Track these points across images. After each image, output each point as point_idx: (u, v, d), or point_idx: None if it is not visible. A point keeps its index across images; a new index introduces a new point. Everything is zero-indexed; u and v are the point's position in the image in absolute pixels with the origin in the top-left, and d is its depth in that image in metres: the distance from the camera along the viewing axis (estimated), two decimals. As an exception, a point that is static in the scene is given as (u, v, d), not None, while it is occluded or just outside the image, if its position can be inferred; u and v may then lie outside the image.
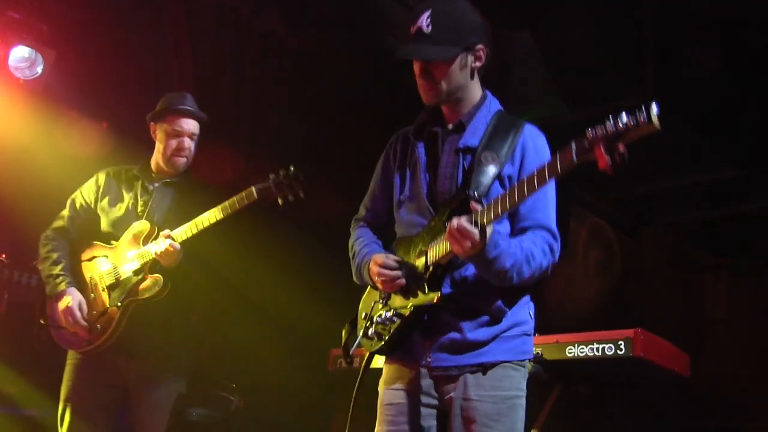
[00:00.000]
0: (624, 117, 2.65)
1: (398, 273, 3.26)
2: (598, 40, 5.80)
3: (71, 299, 4.53)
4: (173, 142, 4.71)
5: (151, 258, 4.46)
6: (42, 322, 4.66)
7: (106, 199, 4.74)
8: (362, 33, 6.30)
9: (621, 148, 2.65)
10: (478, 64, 3.35)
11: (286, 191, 4.34)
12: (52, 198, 5.00)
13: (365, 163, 3.92)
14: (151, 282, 4.48)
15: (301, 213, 6.82)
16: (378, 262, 3.31)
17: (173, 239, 4.40)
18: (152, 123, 4.79)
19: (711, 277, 6.73)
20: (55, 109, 6.16)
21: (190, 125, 4.73)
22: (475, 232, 2.96)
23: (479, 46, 3.33)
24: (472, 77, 3.36)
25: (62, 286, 4.57)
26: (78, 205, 4.78)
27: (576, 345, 4.50)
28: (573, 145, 2.77)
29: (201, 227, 4.41)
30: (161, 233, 4.46)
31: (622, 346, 4.35)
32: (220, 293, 5.80)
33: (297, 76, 6.82)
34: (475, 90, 3.41)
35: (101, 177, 4.82)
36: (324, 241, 6.49)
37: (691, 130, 6.01)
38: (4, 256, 5.83)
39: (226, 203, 4.40)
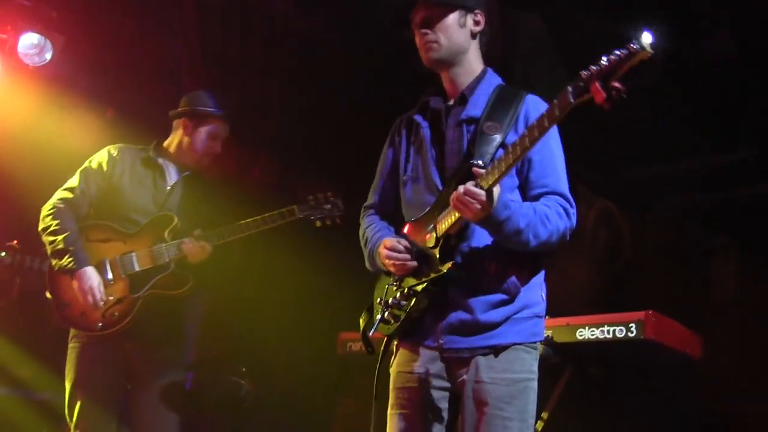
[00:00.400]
0: (615, 50, 2.65)
1: (406, 255, 3.26)
2: (608, 21, 5.76)
3: (92, 279, 4.44)
4: (211, 144, 4.79)
5: (181, 254, 4.49)
6: (48, 295, 4.60)
7: (123, 177, 4.69)
8: (369, 16, 6.27)
9: (617, 82, 2.64)
10: (477, 28, 3.43)
11: (325, 216, 4.56)
12: (61, 184, 4.97)
13: (371, 147, 3.93)
14: (179, 280, 4.52)
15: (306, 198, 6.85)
16: (387, 246, 3.32)
17: (206, 242, 4.47)
18: (184, 119, 4.80)
19: (719, 259, 6.71)
20: (64, 95, 6.17)
21: (226, 131, 4.84)
22: (482, 193, 2.96)
23: (478, 10, 3.41)
24: (471, 39, 3.42)
25: (79, 264, 4.46)
26: (92, 180, 4.69)
27: (587, 327, 4.49)
28: (569, 88, 2.77)
29: (237, 235, 4.53)
30: (194, 233, 4.50)
31: (633, 329, 4.34)
32: (228, 280, 5.82)
33: (304, 63, 6.79)
34: (476, 61, 3.46)
35: (113, 150, 4.77)
36: (334, 226, 6.51)
37: (700, 111, 5.98)
38: (16, 242, 5.85)
39: (267, 217, 4.55)
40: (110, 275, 4.54)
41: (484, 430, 3.12)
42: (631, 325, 4.36)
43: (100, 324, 4.47)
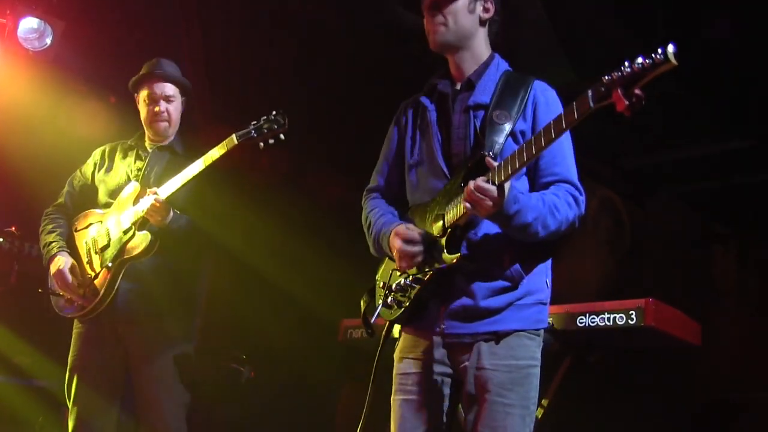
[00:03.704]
0: (639, 58, 2.60)
1: (419, 249, 3.21)
2: (608, 7, 5.75)
3: (62, 262, 4.56)
4: (150, 108, 4.73)
5: (140, 216, 4.44)
6: (40, 290, 4.69)
7: (103, 172, 4.78)
8: (373, 3, 6.27)
9: (638, 90, 2.61)
10: (486, 15, 3.41)
11: (266, 135, 4.30)
12: (63, 170, 5.01)
13: (374, 133, 3.90)
14: (138, 239, 4.46)
15: (309, 184, 6.86)
16: (400, 235, 3.26)
17: (157, 194, 4.37)
18: (135, 94, 4.82)
19: (721, 248, 6.71)
20: (64, 81, 6.16)
21: (165, 89, 4.73)
22: (493, 189, 2.93)
23: None
24: (480, 27, 3.40)
25: (53, 251, 4.62)
26: (76, 182, 4.86)
27: (587, 315, 4.45)
28: (589, 92, 2.72)
29: (185, 179, 4.37)
30: (148, 190, 4.44)
31: (633, 316, 4.30)
32: (228, 265, 5.79)
33: (310, 50, 6.78)
34: (483, 47, 3.44)
35: (98, 153, 4.87)
36: (333, 211, 6.49)
37: (701, 100, 5.96)
38: (14, 228, 5.84)
39: (208, 153, 4.37)
40: (86, 256, 4.61)
41: (486, 416, 3.10)
42: (631, 312, 4.32)
43: (82, 303, 4.52)
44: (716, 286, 6.60)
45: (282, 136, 4.31)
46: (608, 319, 4.39)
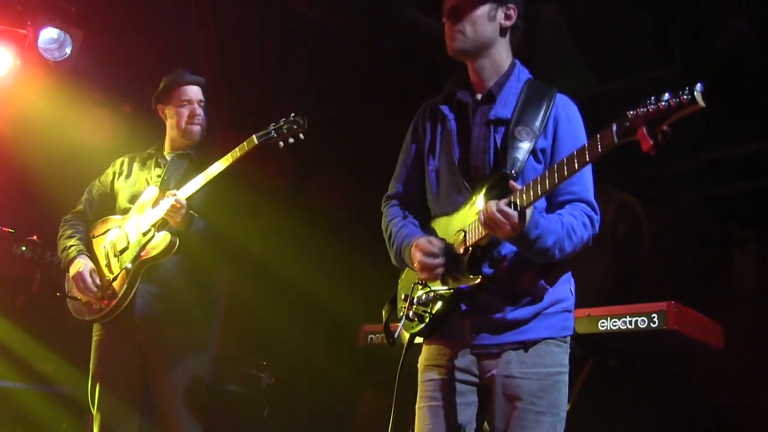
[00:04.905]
0: (666, 96, 2.54)
1: (440, 261, 3.18)
2: (625, 10, 5.72)
3: (82, 265, 4.58)
4: (185, 111, 4.77)
5: (159, 219, 4.45)
6: (58, 294, 4.74)
7: (123, 179, 4.81)
8: (385, 6, 6.26)
9: (665, 128, 2.55)
10: (507, 23, 3.35)
11: (286, 134, 4.33)
12: (82, 179, 5.03)
13: (389, 139, 3.91)
14: (158, 240, 4.46)
15: (327, 190, 6.85)
16: (422, 250, 3.22)
17: (177, 196, 4.39)
18: (160, 105, 4.85)
19: (740, 250, 6.66)
20: (84, 90, 6.20)
21: (196, 92, 4.79)
22: (515, 214, 2.91)
23: (511, 4, 3.33)
24: (500, 36, 3.34)
25: (73, 254, 4.64)
26: (95, 191, 4.89)
27: (608, 318, 4.45)
28: (614, 127, 2.67)
29: (205, 180, 4.40)
30: (167, 192, 4.46)
31: (655, 319, 4.30)
32: (247, 269, 5.78)
33: (322, 55, 6.79)
34: (504, 55, 3.38)
35: (117, 163, 4.91)
36: (353, 215, 6.49)
37: (718, 103, 5.93)
38: (35, 236, 5.86)
39: (228, 154, 4.39)
40: (105, 259, 4.62)
41: (516, 424, 3.09)
42: (653, 315, 4.32)
43: (100, 305, 4.52)
44: (735, 289, 6.55)
45: (302, 136, 4.34)
46: (630, 322, 4.39)
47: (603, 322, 4.47)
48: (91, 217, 4.85)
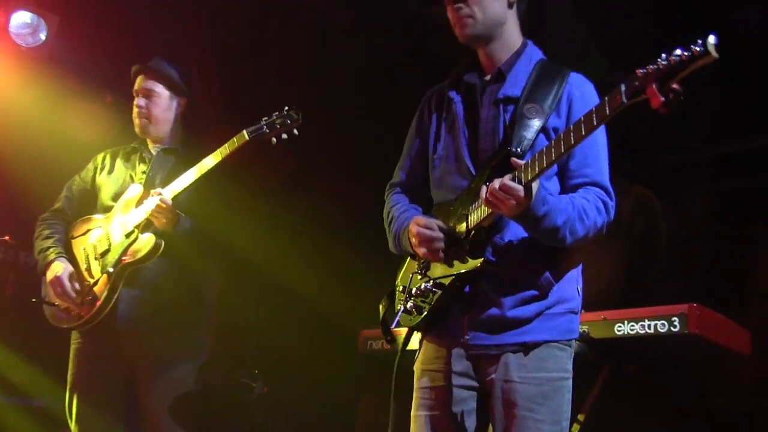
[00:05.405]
0: (677, 50, 2.54)
1: (438, 234, 3.19)
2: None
3: (60, 269, 4.55)
4: (139, 106, 4.76)
5: (143, 219, 4.43)
6: (34, 300, 4.68)
7: (105, 175, 4.79)
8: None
9: (676, 85, 2.54)
10: None
11: (279, 130, 4.29)
12: (59, 174, 5.06)
13: (390, 137, 3.90)
14: (141, 242, 4.44)
15: (325, 190, 6.84)
16: (419, 223, 3.24)
17: (162, 195, 4.36)
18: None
19: (764, 248, 6.65)
20: (60, 79, 6.14)
21: (148, 84, 4.77)
22: (519, 188, 2.91)
23: None
24: (508, 9, 3.34)
25: (51, 257, 4.61)
26: (75, 187, 4.88)
27: (626, 322, 4.38)
28: (622, 86, 2.67)
29: (192, 179, 4.38)
30: (152, 191, 4.43)
31: (676, 323, 4.22)
32: (239, 274, 5.77)
33: (321, 50, 6.79)
34: (514, 34, 3.39)
35: (99, 157, 4.90)
36: (352, 214, 6.48)
37: (738, 94, 5.91)
38: (7, 237, 5.83)
39: (217, 150, 4.36)
40: (85, 263, 4.60)
41: None
42: (673, 318, 4.24)
43: (80, 312, 4.50)
44: (759, 288, 6.53)
45: (296, 132, 4.31)
46: (648, 326, 4.31)
47: (620, 326, 4.40)
48: (70, 215, 4.82)
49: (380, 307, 3.49)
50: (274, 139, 4.30)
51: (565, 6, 5.94)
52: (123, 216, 4.54)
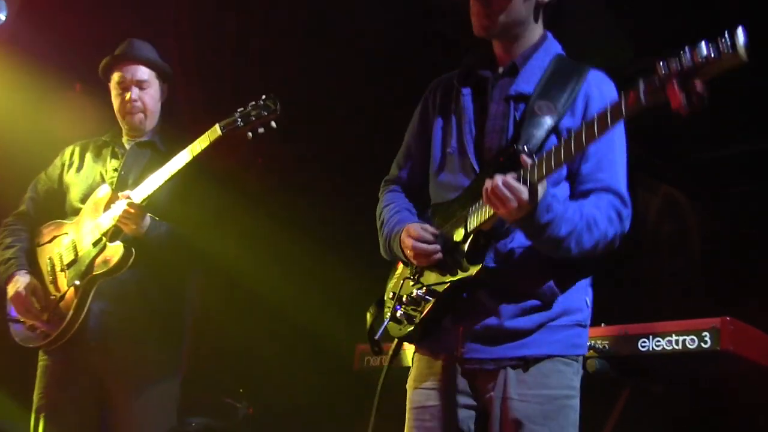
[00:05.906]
0: (702, 48, 2.48)
1: (436, 247, 3.17)
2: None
3: (21, 283, 4.49)
4: (121, 97, 4.66)
5: (110, 226, 4.35)
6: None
7: (73, 173, 4.71)
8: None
9: (699, 85, 2.49)
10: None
11: (255, 123, 4.18)
12: (25, 172, 5.01)
13: (390, 131, 3.87)
14: (110, 252, 4.36)
15: (313, 200, 6.82)
16: (412, 234, 3.22)
17: (131, 199, 4.27)
18: (107, 83, 4.76)
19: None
20: (25, 65, 6.06)
21: (137, 72, 4.67)
22: (523, 189, 2.87)
23: None
24: (535, 16, 3.32)
25: (11, 269, 4.55)
26: (40, 187, 4.81)
27: (651, 337, 4.33)
28: (641, 84, 2.64)
29: (162, 180, 4.28)
30: (120, 194, 4.34)
31: (706, 338, 4.16)
32: (220, 280, 5.73)
33: (310, 30, 6.74)
34: (535, 30, 3.36)
35: (67, 152, 4.83)
36: (345, 218, 6.48)
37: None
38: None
39: (188, 147, 4.27)
40: (50, 274, 4.55)
41: None
42: (704, 333, 4.18)
43: (46, 330, 4.46)
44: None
45: (273, 124, 4.20)
46: (676, 342, 4.28)
47: (644, 342, 4.36)
48: (35, 218, 4.76)
49: (368, 315, 3.47)
50: (250, 134, 4.22)
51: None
52: (92, 221, 4.48)
